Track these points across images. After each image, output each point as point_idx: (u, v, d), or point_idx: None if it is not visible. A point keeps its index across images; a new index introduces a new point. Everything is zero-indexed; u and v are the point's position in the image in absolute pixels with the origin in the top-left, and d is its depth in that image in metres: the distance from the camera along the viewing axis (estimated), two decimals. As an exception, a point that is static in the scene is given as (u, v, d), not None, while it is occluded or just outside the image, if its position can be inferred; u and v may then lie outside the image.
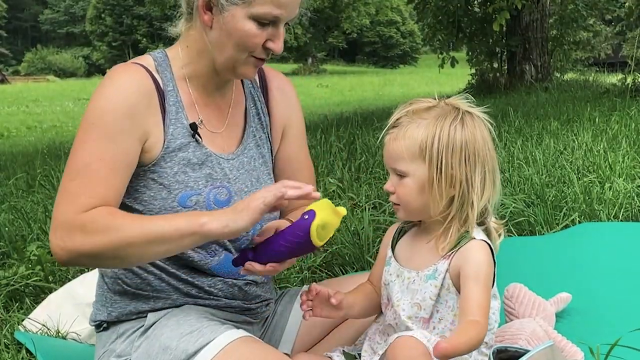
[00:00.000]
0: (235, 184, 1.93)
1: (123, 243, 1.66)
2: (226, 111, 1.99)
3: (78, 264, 1.78)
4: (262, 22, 1.77)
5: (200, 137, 1.88)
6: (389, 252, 1.90)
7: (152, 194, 1.82)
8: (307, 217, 1.67)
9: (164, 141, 1.83)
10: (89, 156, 1.72)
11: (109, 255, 1.68)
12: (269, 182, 2.05)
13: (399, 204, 1.78)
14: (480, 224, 1.80)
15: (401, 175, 1.75)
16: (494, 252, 1.77)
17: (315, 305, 1.84)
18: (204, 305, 1.89)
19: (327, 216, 1.69)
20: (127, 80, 1.79)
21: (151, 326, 1.83)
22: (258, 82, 2.09)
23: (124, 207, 1.80)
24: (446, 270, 1.73)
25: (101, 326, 1.94)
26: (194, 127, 1.87)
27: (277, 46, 1.82)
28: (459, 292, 1.72)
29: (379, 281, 1.91)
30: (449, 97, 1.82)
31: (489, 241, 1.78)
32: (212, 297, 1.91)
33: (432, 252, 1.78)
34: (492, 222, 1.83)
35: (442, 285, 1.74)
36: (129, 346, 1.84)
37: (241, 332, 1.77)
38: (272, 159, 2.11)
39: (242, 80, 2.05)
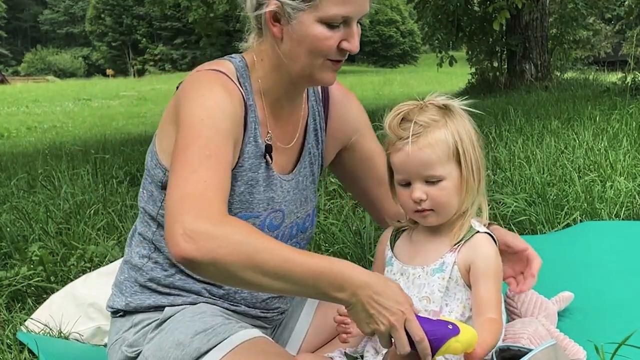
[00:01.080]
0: (288, 206, 1.93)
1: (256, 265, 1.49)
2: (295, 127, 1.96)
3: (201, 268, 1.51)
4: (332, 24, 1.72)
5: (271, 159, 1.85)
6: (389, 253, 1.90)
7: None
8: (450, 327, 1.57)
9: (239, 159, 1.79)
10: (207, 148, 1.62)
11: (233, 268, 1.48)
12: (314, 200, 2.06)
13: (432, 209, 1.76)
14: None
15: (435, 181, 1.74)
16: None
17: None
18: (222, 307, 1.89)
19: (465, 341, 1.58)
20: (223, 92, 1.72)
21: (166, 320, 1.83)
22: (320, 95, 2.06)
23: None
24: (454, 262, 1.75)
25: (117, 313, 1.94)
26: (268, 149, 1.84)
27: (353, 45, 1.77)
28: (469, 287, 1.74)
29: None
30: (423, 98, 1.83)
31: (491, 232, 1.81)
32: (233, 303, 1.91)
33: (437, 247, 1.79)
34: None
35: (450, 277, 1.75)
36: (142, 337, 1.84)
37: (254, 332, 1.77)
38: (319, 175, 2.10)
39: (307, 95, 2.01)
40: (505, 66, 14.55)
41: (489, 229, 1.86)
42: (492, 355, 1.77)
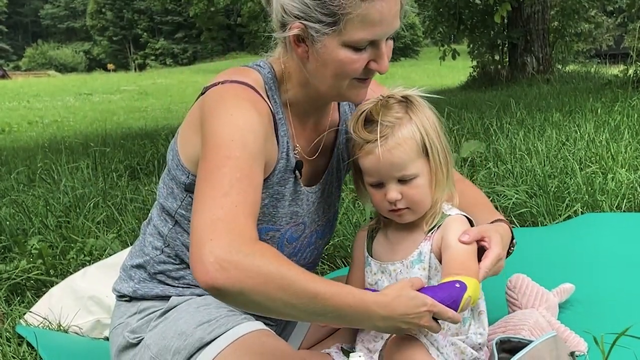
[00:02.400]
0: (311, 217, 1.92)
1: (284, 299, 1.46)
2: (320, 137, 1.91)
3: (229, 297, 1.47)
4: (358, 47, 1.65)
5: (301, 175, 1.83)
6: (366, 254, 1.91)
7: None
8: (458, 285, 1.61)
9: (272, 172, 1.76)
10: (238, 171, 1.55)
11: (261, 298, 1.46)
12: (335, 205, 2.05)
13: (408, 208, 1.76)
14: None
15: (408, 180, 1.74)
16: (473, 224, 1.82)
17: None
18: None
19: (473, 292, 1.63)
20: (250, 105, 1.65)
21: (171, 309, 1.83)
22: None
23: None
24: (429, 250, 1.76)
25: (123, 297, 1.94)
26: (299, 165, 1.81)
27: (382, 67, 1.70)
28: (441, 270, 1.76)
29: (360, 285, 1.90)
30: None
31: (465, 214, 1.82)
32: (233, 303, 1.89)
33: (414, 239, 1.80)
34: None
35: (429, 266, 1.75)
36: (145, 324, 1.84)
37: (257, 325, 1.77)
38: (345, 175, 2.08)
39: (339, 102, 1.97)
40: (507, 59, 14.53)
41: (496, 223, 1.87)
42: (492, 346, 1.76)
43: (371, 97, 1.82)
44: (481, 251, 1.78)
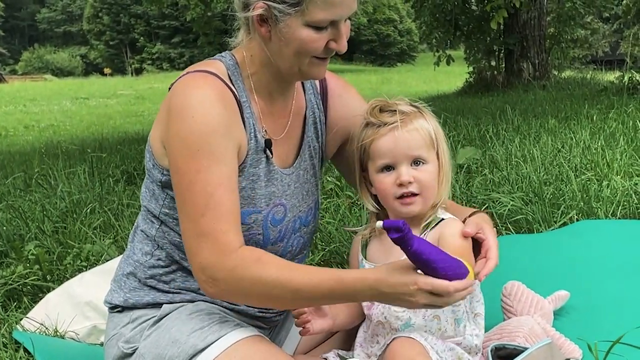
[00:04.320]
0: (290, 200, 1.94)
1: (271, 297, 1.70)
2: (287, 119, 1.96)
3: (228, 300, 1.85)
4: (320, 27, 1.73)
5: (272, 154, 1.87)
6: (360, 256, 1.93)
7: None
8: (464, 266, 1.60)
9: (246, 155, 1.81)
10: (209, 185, 1.69)
11: (254, 300, 1.78)
12: (315, 194, 2.07)
13: (419, 193, 1.81)
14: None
15: (419, 163, 1.81)
16: None
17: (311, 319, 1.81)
18: (221, 305, 1.89)
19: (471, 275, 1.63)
20: (213, 97, 1.73)
21: (164, 317, 1.84)
22: (318, 88, 2.06)
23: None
24: None
25: (115, 308, 1.95)
26: (268, 143, 1.85)
27: (341, 45, 1.79)
28: None
29: None
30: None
31: (457, 219, 1.86)
32: (232, 302, 1.91)
33: None
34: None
35: None
36: (139, 333, 1.85)
37: (250, 331, 1.78)
38: (320, 168, 2.11)
39: (303, 88, 2.02)
40: (503, 65, 14.53)
41: (473, 214, 1.92)
42: (488, 353, 1.77)
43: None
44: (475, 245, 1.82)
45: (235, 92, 1.80)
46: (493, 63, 14.84)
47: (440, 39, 15.66)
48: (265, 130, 1.87)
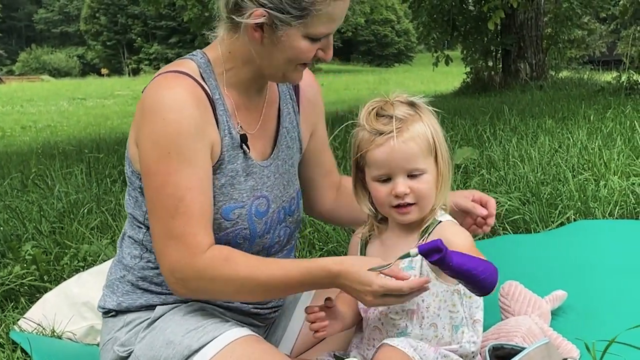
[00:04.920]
0: (272, 192, 1.94)
1: (241, 294, 1.78)
2: (260, 111, 1.97)
3: (198, 299, 1.88)
4: (316, 38, 1.76)
5: (249, 149, 1.87)
6: None
7: None
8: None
9: (220, 153, 1.81)
10: (179, 189, 1.71)
11: (225, 297, 1.85)
12: (296, 184, 2.07)
13: (415, 203, 1.77)
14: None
15: (415, 175, 1.76)
16: None
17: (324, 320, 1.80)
18: (214, 304, 1.89)
19: None
20: (184, 97, 1.73)
21: (158, 319, 1.84)
22: None
23: None
24: (422, 257, 1.75)
25: (109, 313, 1.94)
26: (244, 138, 1.86)
27: (328, 55, 1.83)
28: (438, 277, 1.75)
29: None
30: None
31: (455, 221, 1.84)
32: (212, 300, 1.91)
33: (407, 245, 1.79)
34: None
35: (420, 272, 1.75)
36: (133, 336, 1.85)
37: (245, 331, 1.78)
38: (299, 159, 2.11)
39: None
40: (500, 65, 14.54)
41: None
42: (486, 353, 1.77)
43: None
44: None
45: (208, 90, 1.80)
46: (490, 63, 14.85)
47: (438, 40, 15.67)
48: (240, 126, 1.88)
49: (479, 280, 1.52)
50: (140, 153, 1.77)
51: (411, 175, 1.75)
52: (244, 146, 1.85)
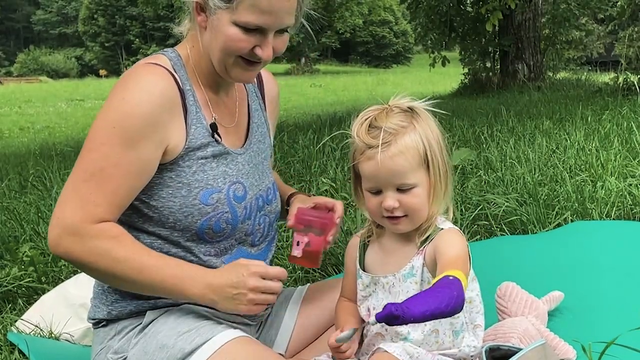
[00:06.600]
0: (248, 179, 1.96)
1: (115, 274, 1.74)
2: (234, 108, 2.02)
3: (66, 261, 1.86)
4: (247, 28, 1.77)
5: (220, 137, 1.90)
6: (357, 266, 1.90)
7: (170, 192, 1.83)
8: (452, 278, 1.53)
9: (186, 141, 1.83)
10: (105, 160, 1.73)
11: (95, 272, 1.79)
12: (270, 177, 2.10)
13: (405, 216, 1.75)
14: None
15: (407, 189, 1.73)
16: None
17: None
18: (205, 305, 1.89)
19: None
20: (152, 84, 1.77)
21: (149, 324, 1.84)
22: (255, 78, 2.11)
23: (140, 202, 1.83)
24: (422, 264, 1.75)
25: (100, 323, 1.94)
26: (213, 127, 1.89)
27: (264, 54, 1.82)
28: None
29: (354, 294, 1.91)
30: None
31: (457, 228, 1.82)
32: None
33: (407, 251, 1.79)
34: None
35: (421, 280, 1.75)
36: (126, 343, 1.85)
37: (238, 332, 1.78)
38: (271, 154, 2.16)
39: None
40: (498, 66, 14.57)
41: (295, 197, 2.06)
42: (482, 354, 1.78)
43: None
44: None
45: (179, 81, 1.84)
46: (488, 64, 14.89)
47: (436, 41, 15.70)
48: (215, 117, 1.92)
49: (445, 312, 1.48)
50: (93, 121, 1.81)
51: (401, 190, 1.73)
52: (215, 135, 1.89)
